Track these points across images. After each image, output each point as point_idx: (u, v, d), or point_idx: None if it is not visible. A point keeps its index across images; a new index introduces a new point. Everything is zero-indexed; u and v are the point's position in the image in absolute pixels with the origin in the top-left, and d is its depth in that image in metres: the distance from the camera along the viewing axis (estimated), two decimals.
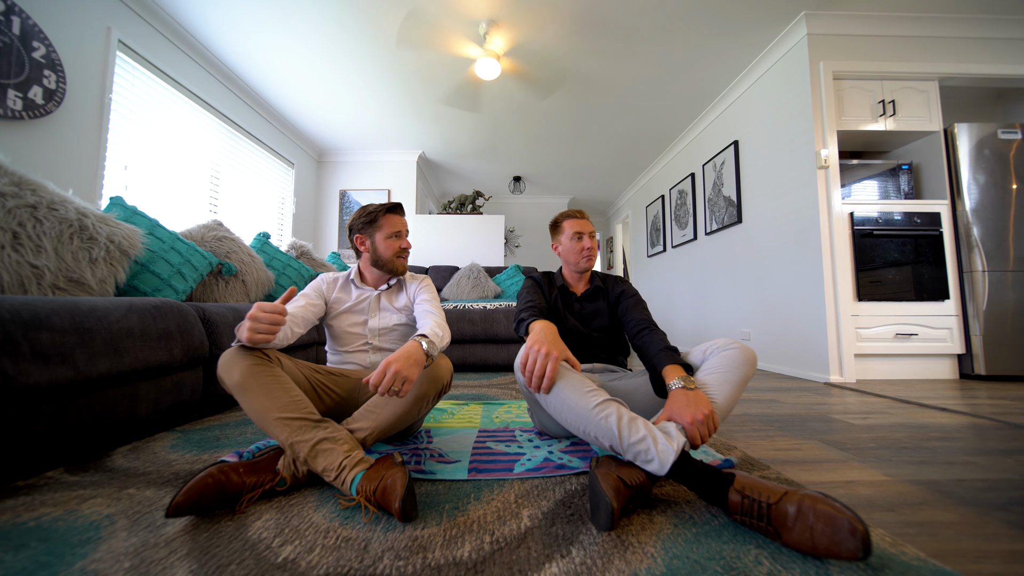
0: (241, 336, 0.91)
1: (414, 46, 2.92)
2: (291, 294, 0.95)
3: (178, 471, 1.02)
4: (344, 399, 1.17)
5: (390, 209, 1.29)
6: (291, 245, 2.93)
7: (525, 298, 1.28)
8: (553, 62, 3.16)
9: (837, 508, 0.64)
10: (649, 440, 0.82)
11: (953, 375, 2.63)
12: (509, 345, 2.92)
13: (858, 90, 2.73)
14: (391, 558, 0.66)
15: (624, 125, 4.26)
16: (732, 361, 0.99)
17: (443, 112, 4.02)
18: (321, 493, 0.90)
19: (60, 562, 0.64)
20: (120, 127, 2.43)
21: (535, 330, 1.04)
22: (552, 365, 0.93)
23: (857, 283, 2.57)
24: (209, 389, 1.57)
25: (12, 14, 1.85)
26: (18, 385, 0.87)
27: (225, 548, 0.68)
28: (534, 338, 0.99)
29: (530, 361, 0.94)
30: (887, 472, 1.07)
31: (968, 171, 2.62)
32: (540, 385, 0.93)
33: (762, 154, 3.17)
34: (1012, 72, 2.68)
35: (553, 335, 1.02)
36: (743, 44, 2.95)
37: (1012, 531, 0.77)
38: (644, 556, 0.66)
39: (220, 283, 2.03)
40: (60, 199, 1.35)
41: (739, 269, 3.49)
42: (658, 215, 5.18)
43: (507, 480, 0.98)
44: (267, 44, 2.99)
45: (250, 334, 0.89)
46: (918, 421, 1.59)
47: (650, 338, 1.14)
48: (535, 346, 0.96)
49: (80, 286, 1.35)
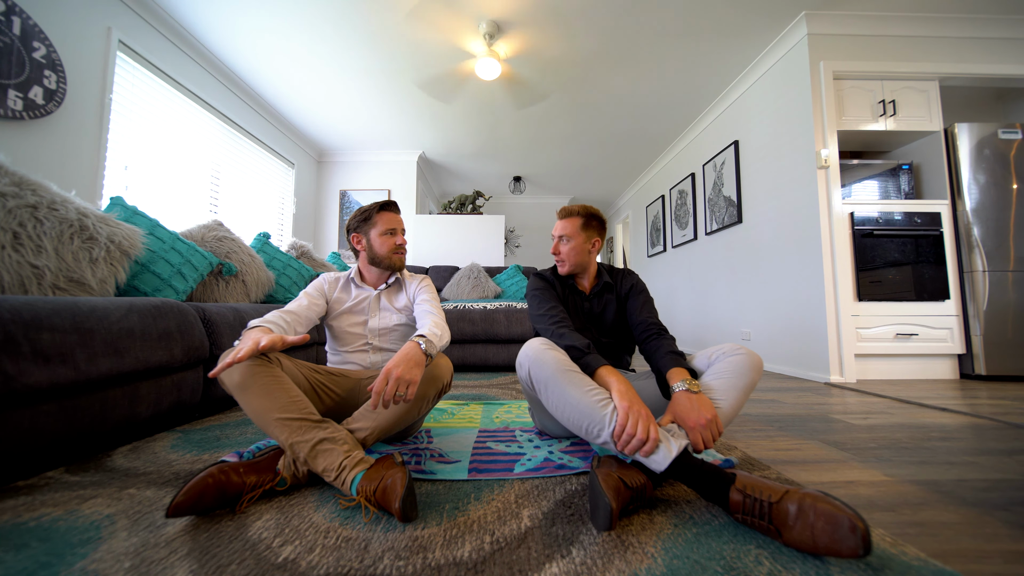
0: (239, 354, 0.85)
1: (420, 27, 2.81)
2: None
3: (178, 471, 1.02)
4: (344, 399, 1.17)
5: (384, 206, 1.29)
6: (291, 245, 2.93)
7: (547, 304, 1.20)
8: (553, 66, 3.17)
9: (838, 506, 0.64)
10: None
11: (953, 375, 2.62)
12: (509, 345, 2.92)
13: (858, 90, 2.73)
14: (391, 558, 0.66)
15: (624, 125, 4.26)
16: (738, 367, 0.99)
17: (443, 112, 4.02)
18: (321, 493, 0.90)
19: (60, 562, 0.64)
20: (120, 127, 2.44)
21: (616, 387, 0.92)
22: (654, 428, 0.83)
23: (857, 283, 2.56)
24: (209, 389, 1.57)
25: (12, 14, 1.85)
26: (19, 385, 0.87)
27: (225, 548, 0.68)
28: (626, 399, 0.88)
29: (630, 425, 0.84)
30: (887, 472, 1.07)
31: (968, 171, 2.62)
32: (645, 449, 0.83)
33: (762, 154, 3.17)
34: (1012, 72, 2.68)
35: (632, 390, 0.92)
36: (743, 44, 2.95)
37: (1012, 531, 0.77)
38: (644, 556, 0.66)
39: (220, 283, 2.03)
40: (60, 199, 1.35)
41: (739, 269, 3.49)
42: (658, 215, 5.18)
43: (507, 480, 0.98)
44: (267, 44, 2.99)
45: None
46: (918, 421, 1.59)
47: (658, 343, 1.13)
48: (633, 407, 0.86)
49: (80, 286, 1.34)
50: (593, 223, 1.30)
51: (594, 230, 1.30)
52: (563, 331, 1.09)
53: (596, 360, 1.01)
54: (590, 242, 1.29)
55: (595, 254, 1.33)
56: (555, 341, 1.08)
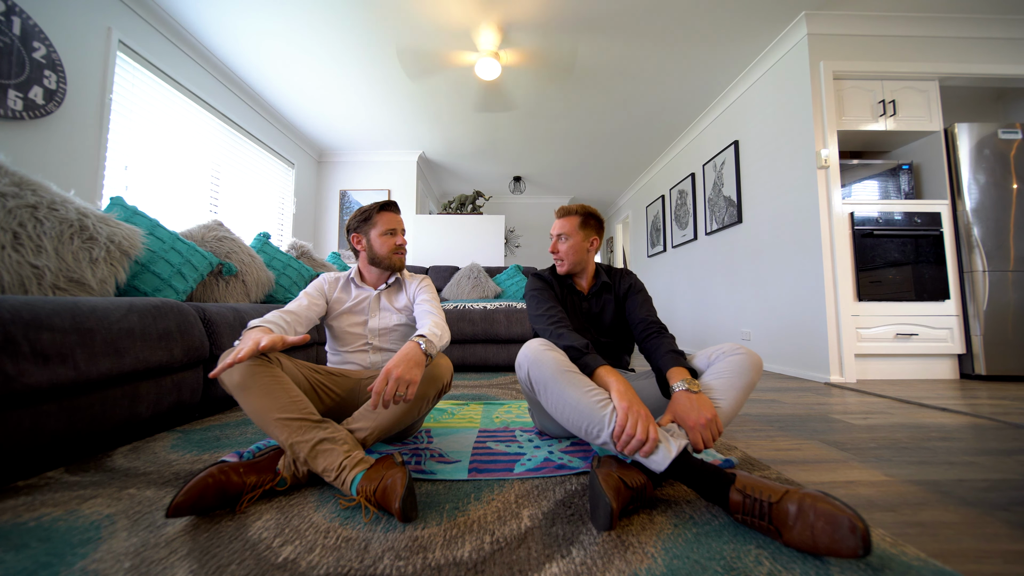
0: (239, 355, 0.85)
1: (420, 70, 2.86)
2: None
3: (178, 471, 1.02)
4: (344, 399, 1.17)
5: (384, 207, 1.29)
6: (291, 245, 2.93)
7: (545, 304, 1.19)
8: (553, 66, 3.16)
9: (838, 506, 0.64)
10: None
11: (953, 375, 2.62)
12: (509, 345, 2.92)
13: (858, 90, 2.73)
14: (391, 558, 0.66)
15: (624, 125, 4.26)
16: (738, 366, 0.99)
17: (443, 112, 4.02)
18: (321, 493, 0.90)
19: (60, 562, 0.64)
20: (120, 127, 2.44)
21: (615, 387, 0.92)
22: (653, 428, 0.83)
23: (857, 283, 2.56)
24: (209, 389, 1.57)
25: (12, 14, 1.85)
26: (19, 385, 0.87)
27: (225, 548, 0.68)
28: (625, 399, 0.88)
29: (629, 425, 0.83)
30: (887, 472, 1.07)
31: (968, 171, 2.62)
32: (644, 450, 0.83)
33: (762, 154, 3.17)
34: (1012, 72, 2.68)
35: (632, 390, 0.92)
36: (743, 44, 2.95)
37: (1013, 531, 0.77)
38: (644, 556, 0.66)
39: (220, 283, 2.03)
40: (60, 199, 1.35)
41: (739, 269, 3.49)
42: (658, 215, 5.18)
43: (507, 480, 0.98)
44: (267, 44, 2.99)
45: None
46: (918, 421, 1.59)
47: (658, 341, 1.13)
48: (632, 408, 0.86)
49: (80, 286, 1.34)
50: (591, 222, 1.30)
51: (592, 229, 1.30)
52: (562, 331, 1.09)
53: (595, 360, 1.01)
54: (588, 241, 1.29)
55: (593, 253, 1.33)
56: (554, 341, 1.08)
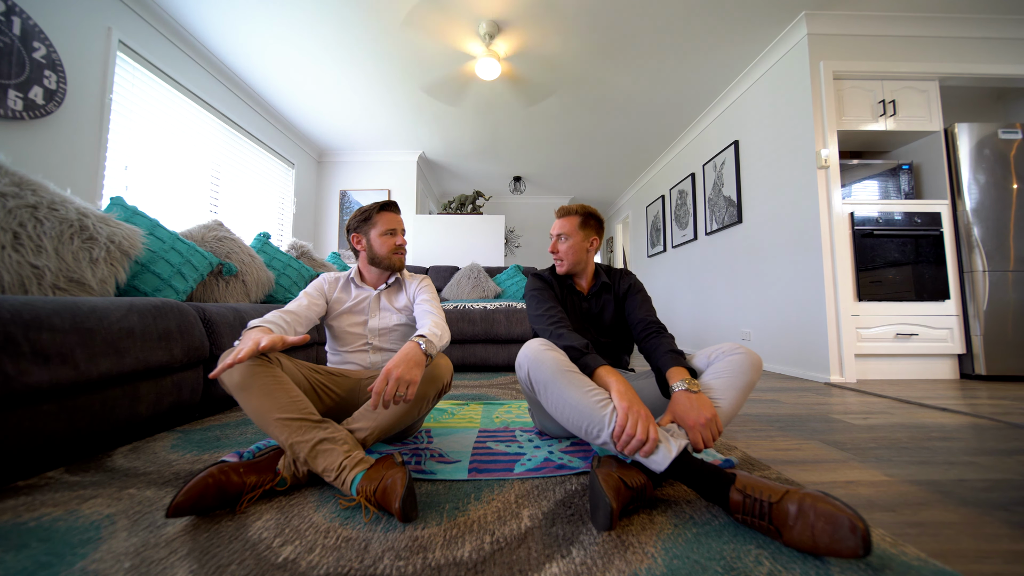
0: (239, 355, 0.84)
1: (419, 32, 2.83)
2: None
3: (178, 471, 1.02)
4: (344, 399, 1.17)
5: (385, 207, 1.29)
6: (291, 245, 2.93)
7: (545, 304, 1.19)
8: (553, 66, 3.17)
9: (838, 506, 0.64)
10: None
11: (953, 375, 2.62)
12: (509, 345, 2.92)
13: (858, 90, 2.73)
14: (391, 558, 0.66)
15: (624, 125, 4.26)
16: (738, 366, 0.99)
17: (443, 112, 4.01)
18: (321, 493, 0.90)
19: (60, 562, 0.64)
20: (120, 127, 2.44)
21: (615, 387, 0.91)
22: (653, 428, 0.83)
23: (857, 283, 2.56)
24: (209, 389, 1.57)
25: (12, 14, 1.85)
26: (19, 385, 0.87)
27: (225, 548, 0.68)
28: (625, 399, 0.88)
29: (629, 425, 0.83)
30: (887, 472, 1.07)
31: (968, 171, 2.61)
32: (645, 450, 0.83)
33: (762, 154, 3.17)
34: (1012, 72, 2.68)
35: (632, 390, 0.92)
36: (743, 44, 2.95)
37: (1013, 531, 0.77)
38: (644, 556, 0.66)
39: (220, 283, 2.03)
40: (60, 199, 1.35)
41: (739, 269, 3.49)
42: (658, 215, 5.18)
43: (507, 480, 0.98)
44: (267, 45, 2.99)
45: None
46: (918, 421, 1.59)
47: (658, 341, 1.13)
48: (632, 408, 0.86)
49: (81, 286, 1.34)
50: (591, 222, 1.30)
51: (592, 229, 1.30)
52: (561, 331, 1.09)
53: (595, 360, 1.01)
54: (588, 241, 1.29)
55: (593, 253, 1.33)
56: (554, 341, 1.08)
